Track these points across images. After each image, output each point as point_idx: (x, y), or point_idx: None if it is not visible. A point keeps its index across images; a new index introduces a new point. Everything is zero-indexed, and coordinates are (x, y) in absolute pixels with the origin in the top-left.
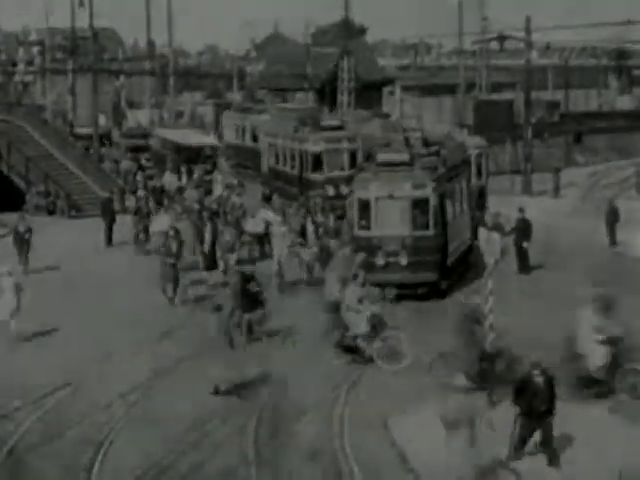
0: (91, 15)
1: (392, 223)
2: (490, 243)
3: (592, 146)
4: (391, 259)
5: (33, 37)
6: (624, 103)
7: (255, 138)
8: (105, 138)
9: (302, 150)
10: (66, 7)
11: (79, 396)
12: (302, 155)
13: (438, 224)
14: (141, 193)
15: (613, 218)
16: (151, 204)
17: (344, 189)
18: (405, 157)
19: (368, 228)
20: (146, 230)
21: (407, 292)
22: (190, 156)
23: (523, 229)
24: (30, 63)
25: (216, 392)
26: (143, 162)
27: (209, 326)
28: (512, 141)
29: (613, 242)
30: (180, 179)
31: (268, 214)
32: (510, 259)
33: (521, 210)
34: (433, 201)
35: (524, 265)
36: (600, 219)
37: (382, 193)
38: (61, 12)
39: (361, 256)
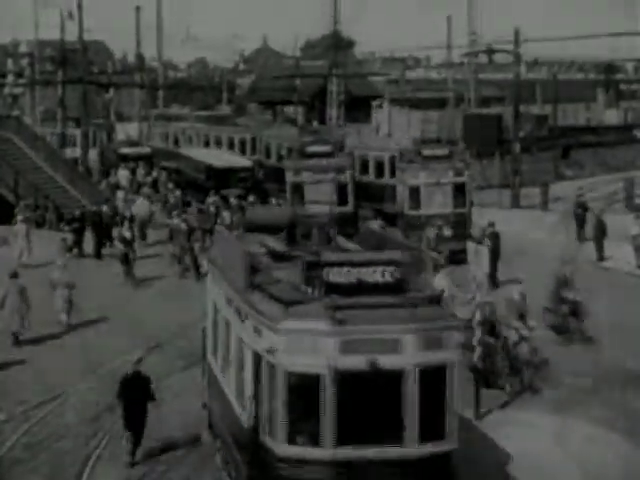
0: (81, 27)
1: (437, 203)
2: (478, 256)
3: (580, 160)
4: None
5: (23, 49)
6: (611, 117)
7: (177, 142)
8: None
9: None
10: (56, 19)
11: None
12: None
13: (471, 204)
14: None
15: (601, 233)
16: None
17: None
18: (446, 151)
19: (418, 208)
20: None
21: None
22: (223, 179)
23: (492, 243)
24: (19, 75)
25: None
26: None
27: None
28: (501, 155)
29: (601, 257)
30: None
31: None
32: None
33: (491, 224)
34: (468, 186)
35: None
36: (588, 234)
37: (429, 180)
38: (51, 24)
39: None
